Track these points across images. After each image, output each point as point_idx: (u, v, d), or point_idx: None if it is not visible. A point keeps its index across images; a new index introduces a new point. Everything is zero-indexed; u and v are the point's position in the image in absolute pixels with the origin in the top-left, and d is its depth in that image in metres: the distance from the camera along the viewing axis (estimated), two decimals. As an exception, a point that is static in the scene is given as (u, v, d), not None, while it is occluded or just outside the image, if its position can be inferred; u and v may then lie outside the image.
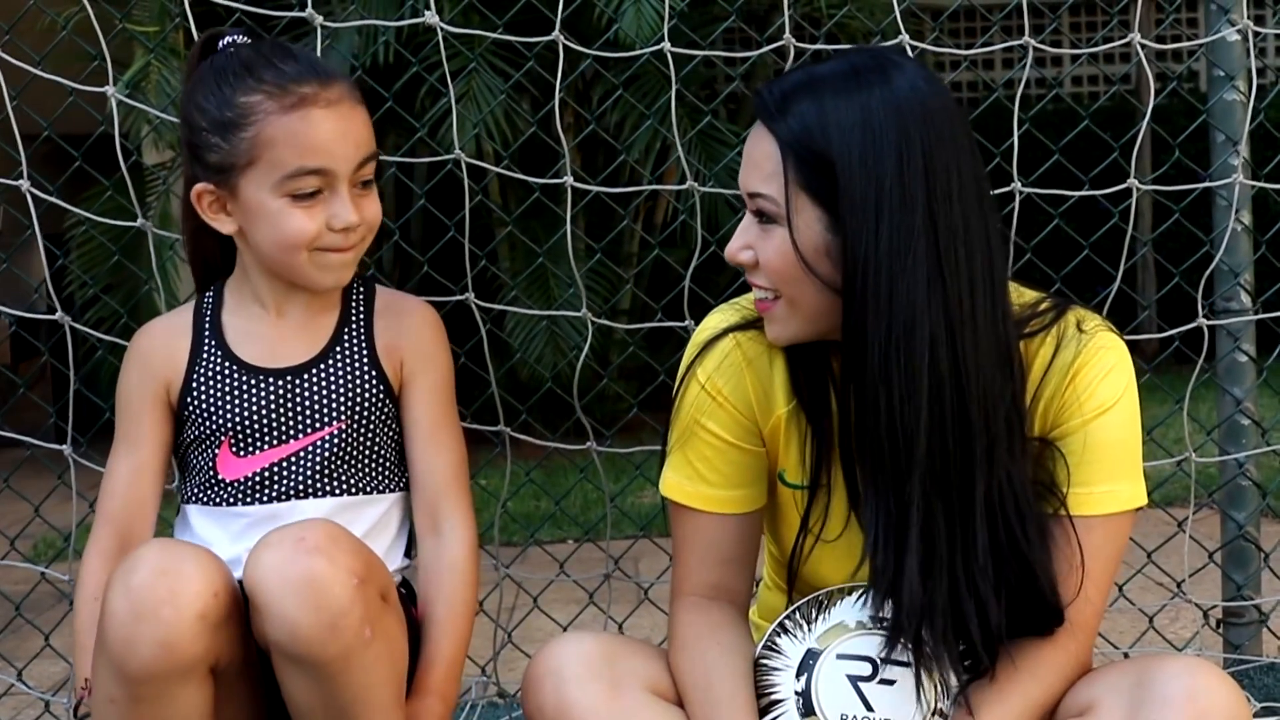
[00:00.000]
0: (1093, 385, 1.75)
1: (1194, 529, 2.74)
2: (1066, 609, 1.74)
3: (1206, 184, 2.68)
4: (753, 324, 1.84)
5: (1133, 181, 2.55)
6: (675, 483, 1.86)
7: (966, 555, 1.69)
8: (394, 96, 2.89)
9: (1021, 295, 1.79)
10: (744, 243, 1.74)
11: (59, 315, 2.52)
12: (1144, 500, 1.78)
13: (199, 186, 1.93)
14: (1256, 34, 2.67)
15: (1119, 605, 2.88)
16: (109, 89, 2.46)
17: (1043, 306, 1.79)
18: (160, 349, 2.01)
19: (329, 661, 1.71)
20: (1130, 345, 1.87)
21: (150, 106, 3.61)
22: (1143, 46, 2.56)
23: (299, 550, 1.70)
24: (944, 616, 1.69)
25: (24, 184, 2.48)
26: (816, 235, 1.68)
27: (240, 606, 1.76)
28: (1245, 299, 2.73)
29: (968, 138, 1.71)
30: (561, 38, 2.43)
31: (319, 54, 2.39)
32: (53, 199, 2.54)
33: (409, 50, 4.52)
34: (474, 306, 2.52)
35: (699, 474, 1.85)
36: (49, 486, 2.77)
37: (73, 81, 2.54)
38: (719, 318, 1.88)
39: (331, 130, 1.87)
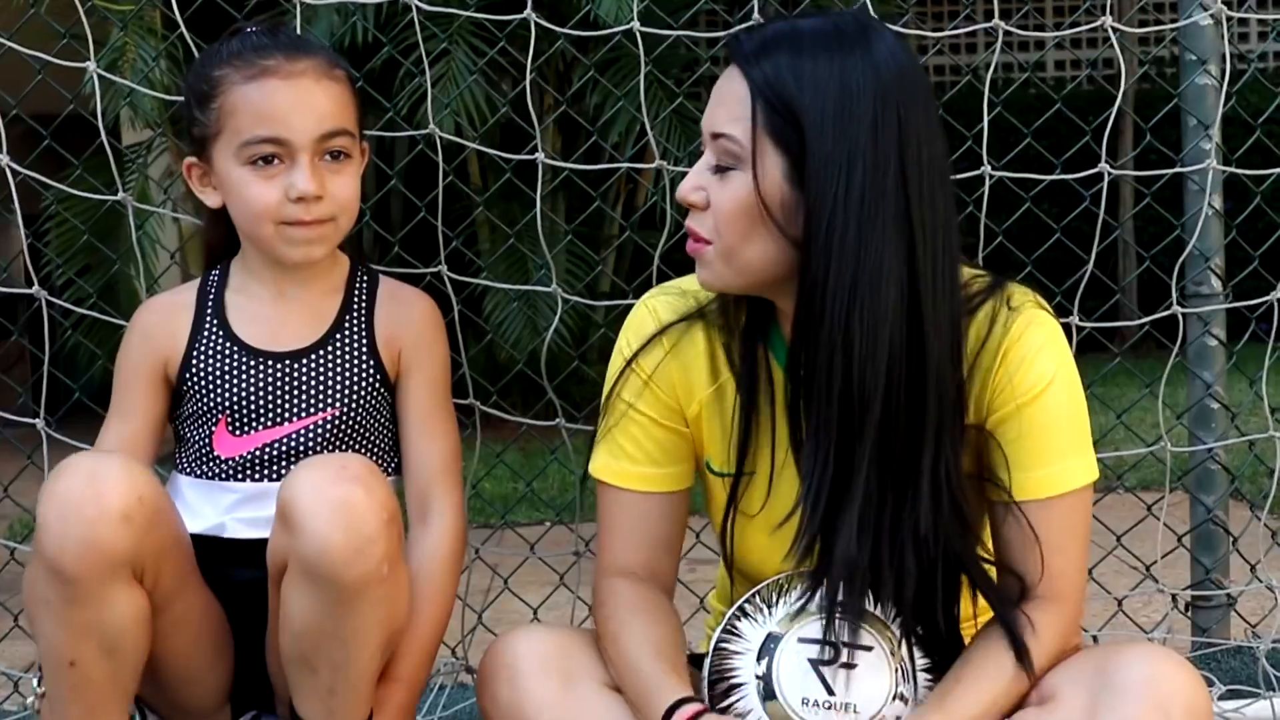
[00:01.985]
0: (1023, 366, 1.74)
1: (1165, 513, 2.76)
2: (1035, 589, 1.74)
3: (1177, 169, 2.68)
4: (686, 315, 1.85)
5: (1104, 166, 2.55)
6: (603, 463, 1.88)
7: (898, 526, 1.69)
8: (375, 77, 2.89)
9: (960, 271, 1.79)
10: (697, 184, 1.73)
11: (35, 289, 2.51)
12: (1095, 474, 1.77)
13: (186, 160, 2.01)
14: (1229, 19, 2.67)
15: (1089, 589, 2.89)
16: (90, 64, 2.45)
17: (977, 284, 1.78)
18: (162, 324, 2.04)
19: (348, 585, 1.74)
20: (1109, 331, 1.87)
21: (126, 84, 3.60)
22: (1117, 31, 2.56)
23: (341, 475, 1.76)
24: (863, 578, 1.69)
25: (3, 158, 2.47)
26: (775, 185, 1.67)
27: (171, 525, 1.83)
28: (1216, 283, 2.74)
29: (937, 115, 1.73)
30: (533, 16, 2.43)
31: (297, 33, 2.40)
32: (26, 172, 2.52)
33: (386, 30, 4.50)
34: (448, 281, 2.51)
35: (626, 453, 1.86)
36: (19, 467, 2.76)
37: (51, 61, 2.53)
38: (653, 302, 1.89)
39: (287, 100, 1.92)
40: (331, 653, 1.81)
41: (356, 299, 2.05)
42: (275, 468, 1.98)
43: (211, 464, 1.99)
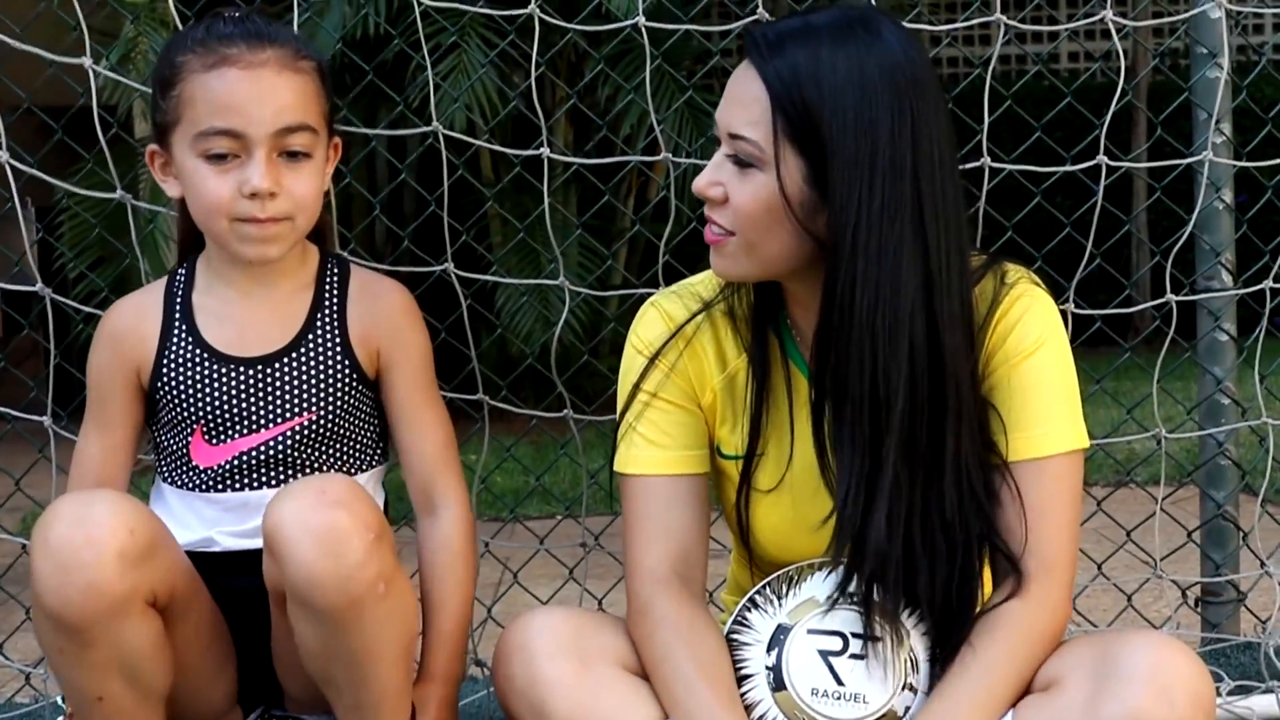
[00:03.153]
0: (1014, 330, 1.78)
1: (1176, 508, 2.75)
2: (1023, 558, 1.74)
3: (1178, 161, 2.67)
4: (695, 312, 1.87)
5: (1101, 158, 2.55)
6: (626, 455, 1.88)
7: (927, 513, 1.72)
8: (388, 71, 2.89)
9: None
10: (715, 179, 1.74)
11: (39, 287, 2.52)
12: (1085, 441, 1.79)
13: (149, 147, 1.94)
14: (1238, 12, 2.66)
15: (1099, 583, 2.89)
16: (85, 60, 2.45)
17: (974, 263, 1.81)
18: (130, 331, 1.99)
19: (342, 610, 1.73)
20: (1121, 323, 1.88)
21: (137, 79, 3.60)
22: (1124, 24, 2.55)
23: (321, 502, 1.73)
24: (897, 569, 1.71)
25: (3, 155, 2.48)
26: (797, 186, 1.70)
27: (168, 540, 1.81)
28: (1226, 277, 2.73)
29: (946, 107, 1.74)
30: (538, 10, 2.43)
31: (303, 26, 2.39)
32: (32, 170, 2.53)
33: (397, 24, 4.50)
34: (454, 279, 2.52)
35: (648, 440, 1.86)
36: (32, 461, 2.77)
37: (63, 54, 2.53)
38: (660, 302, 1.92)
39: (246, 92, 1.84)
40: (347, 673, 1.81)
41: (328, 296, 1.99)
42: (255, 475, 1.95)
43: (191, 474, 1.96)
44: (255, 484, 1.95)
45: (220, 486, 1.95)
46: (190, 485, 1.96)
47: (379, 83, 2.89)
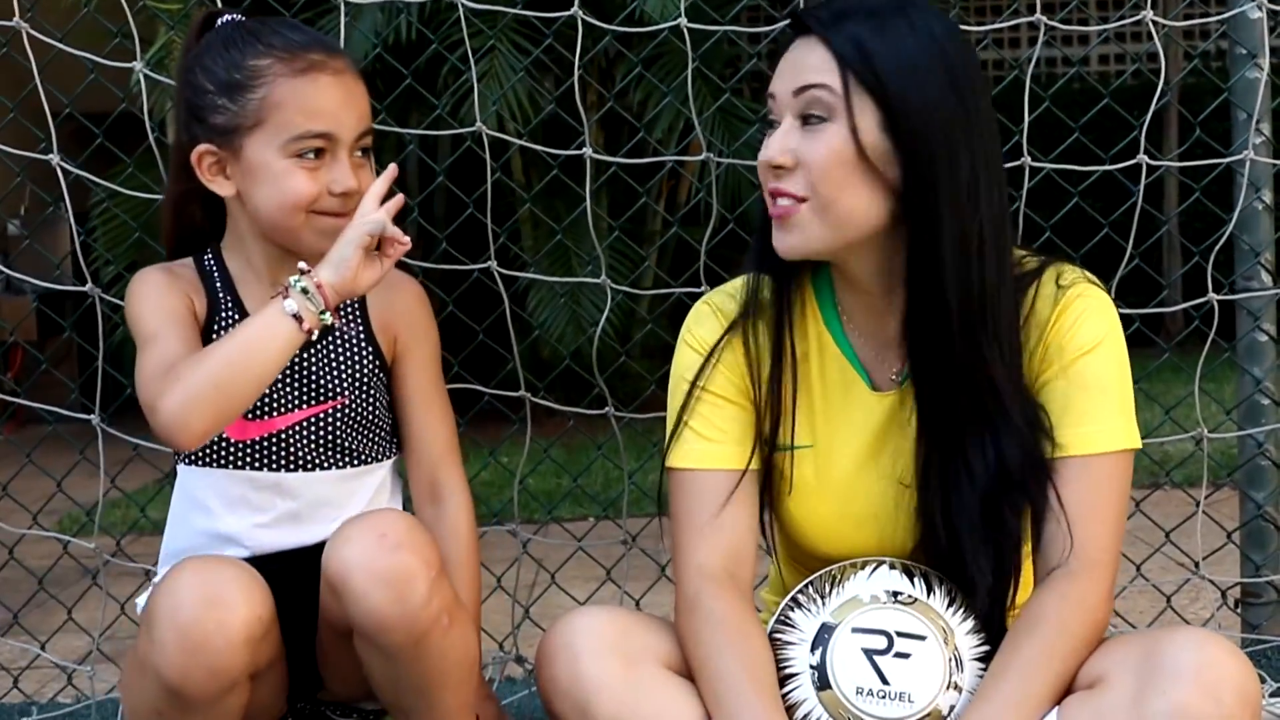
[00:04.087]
0: (1070, 331, 1.78)
1: (1214, 509, 2.74)
2: (1067, 556, 1.74)
3: (1217, 160, 2.66)
4: (745, 308, 1.87)
5: (1141, 158, 2.54)
6: (678, 451, 1.87)
7: (978, 510, 1.74)
8: (417, 75, 2.90)
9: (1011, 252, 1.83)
10: (784, 145, 1.75)
11: (89, 287, 2.53)
12: (1137, 442, 1.78)
13: (201, 147, 1.94)
14: (1276, 12, 2.65)
15: (1137, 584, 2.88)
16: (137, 64, 2.47)
17: (1028, 263, 1.82)
18: (184, 288, 1.98)
19: (411, 646, 1.80)
20: (1154, 324, 1.87)
21: (174, 83, 3.62)
22: (1164, 25, 2.55)
23: (383, 546, 1.78)
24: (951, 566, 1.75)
25: (54, 157, 2.50)
26: (871, 134, 1.71)
27: (273, 605, 1.83)
28: (1266, 278, 2.72)
29: (989, 93, 1.79)
30: (580, 13, 2.43)
31: (342, 31, 2.41)
32: (79, 171, 2.55)
33: (431, 28, 4.52)
34: (497, 276, 2.53)
35: (700, 434, 1.86)
36: (71, 463, 2.79)
37: (99, 59, 2.55)
38: (713, 299, 1.92)
39: (337, 97, 1.92)
40: (413, 699, 1.87)
41: None
42: (290, 456, 1.98)
43: (223, 449, 1.98)
44: (292, 464, 1.97)
45: (255, 464, 1.97)
46: (220, 461, 1.97)
47: (417, 86, 2.90)
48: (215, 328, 1.98)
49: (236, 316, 1.98)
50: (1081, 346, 1.78)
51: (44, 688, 2.86)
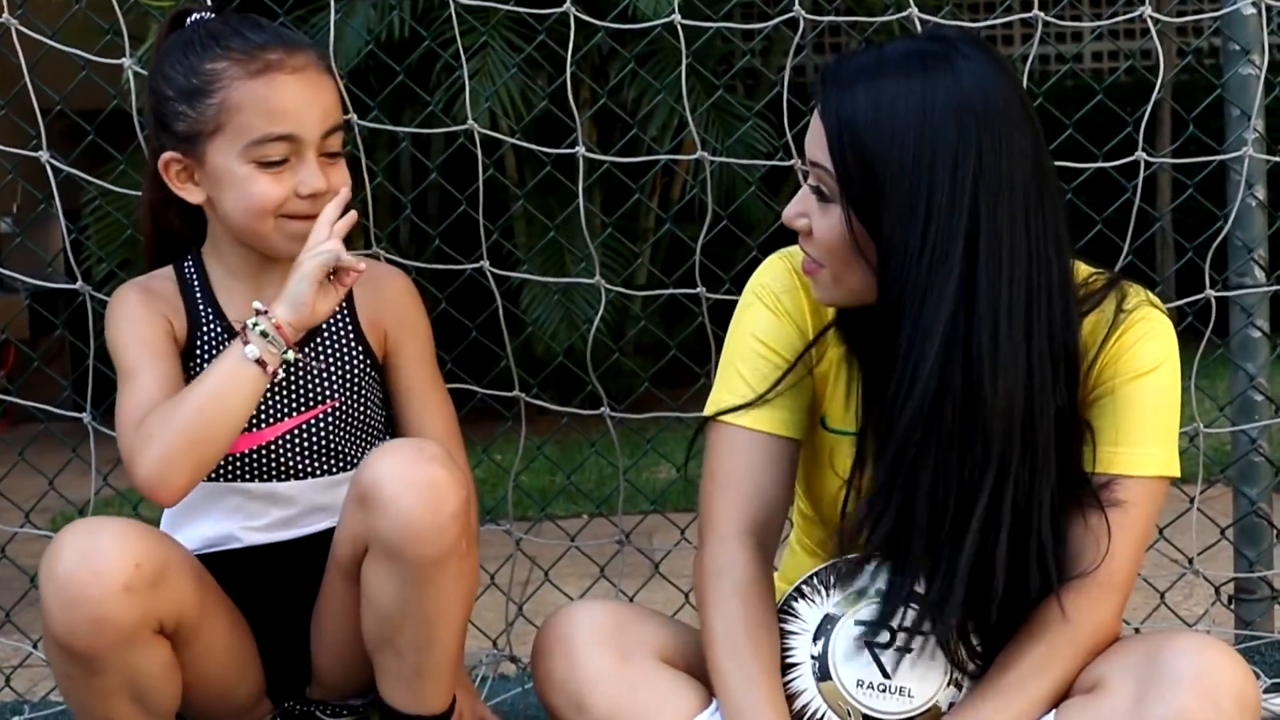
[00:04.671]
0: (1129, 352, 1.75)
1: (1208, 505, 2.74)
2: (1085, 574, 1.72)
3: (1212, 158, 2.66)
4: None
5: (1140, 154, 2.54)
6: (723, 399, 1.83)
7: (993, 518, 1.67)
8: (411, 72, 2.90)
9: (1077, 272, 1.77)
10: (801, 210, 1.74)
11: (79, 285, 2.53)
12: (1177, 471, 1.77)
13: (166, 155, 1.92)
14: (1271, 7, 2.65)
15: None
16: (126, 61, 2.46)
17: (1092, 285, 1.78)
18: (162, 303, 1.97)
19: (431, 561, 1.78)
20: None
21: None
22: (1159, 20, 2.55)
23: (420, 457, 1.79)
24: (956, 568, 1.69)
25: (43, 154, 2.49)
26: (859, 226, 1.68)
27: (178, 565, 1.82)
28: (1259, 274, 2.72)
29: (1028, 136, 1.67)
30: (573, 10, 2.43)
31: (332, 29, 2.40)
32: (69, 169, 2.54)
33: (424, 24, 4.51)
34: (489, 275, 2.52)
35: (751, 387, 1.82)
36: (63, 461, 2.79)
37: (90, 56, 2.54)
38: (786, 252, 1.87)
39: (298, 96, 1.87)
40: (416, 634, 1.83)
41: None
42: (281, 465, 1.96)
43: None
44: (284, 474, 1.96)
45: (247, 475, 1.96)
46: (211, 475, 1.95)
47: (409, 83, 2.89)
48: (198, 343, 1.96)
49: (218, 328, 1.96)
50: (1139, 369, 1.75)
51: (36, 686, 2.86)
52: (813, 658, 1.74)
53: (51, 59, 2.54)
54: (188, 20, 1.94)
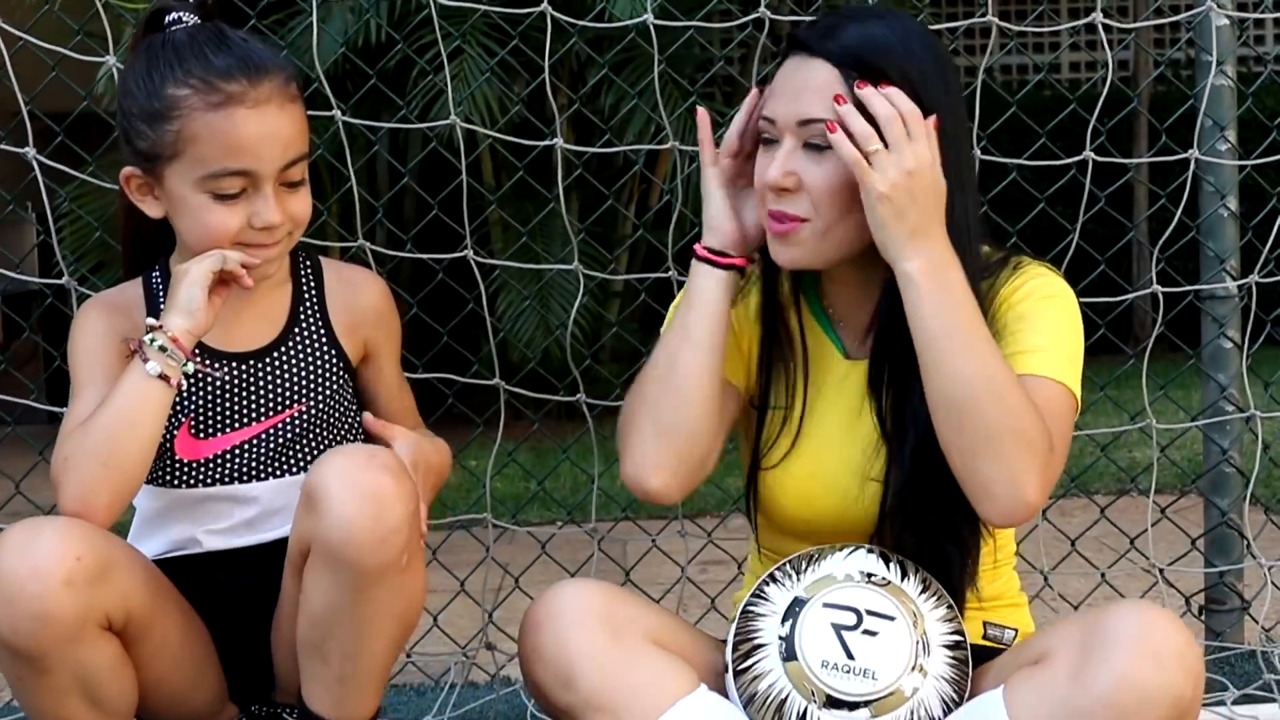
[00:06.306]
0: (1021, 290, 1.81)
1: (1179, 515, 2.75)
2: None
3: (1171, 158, 2.67)
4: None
5: (1088, 154, 2.56)
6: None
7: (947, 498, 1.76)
8: (386, 77, 2.89)
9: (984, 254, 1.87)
10: (788, 168, 1.76)
11: (65, 280, 2.49)
12: (1077, 390, 1.79)
13: (126, 170, 1.91)
14: (1241, 20, 2.66)
15: (1102, 591, 2.89)
16: (110, 58, 2.44)
17: (993, 256, 1.86)
18: (121, 319, 1.95)
19: (368, 571, 1.76)
20: (1120, 332, 1.88)
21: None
22: (1116, 28, 2.56)
23: (371, 464, 1.77)
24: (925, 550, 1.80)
25: (29, 151, 2.47)
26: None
27: (123, 560, 1.80)
28: (1232, 285, 2.73)
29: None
30: (550, 9, 2.43)
31: (315, 32, 2.38)
32: (39, 171, 2.52)
33: (400, 31, 4.50)
34: (473, 263, 2.52)
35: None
36: (30, 464, 2.77)
37: (67, 51, 2.52)
38: None
39: (256, 131, 1.84)
40: (345, 641, 1.81)
41: (306, 290, 2.01)
42: (245, 469, 1.95)
43: (173, 469, 1.94)
44: (245, 477, 1.95)
45: (207, 480, 1.94)
46: (171, 481, 1.94)
47: (383, 88, 2.88)
48: None
49: None
50: (1033, 294, 1.81)
51: (2, 691, 2.84)
52: (780, 639, 1.75)
53: (21, 60, 2.52)
54: (166, 19, 1.90)
